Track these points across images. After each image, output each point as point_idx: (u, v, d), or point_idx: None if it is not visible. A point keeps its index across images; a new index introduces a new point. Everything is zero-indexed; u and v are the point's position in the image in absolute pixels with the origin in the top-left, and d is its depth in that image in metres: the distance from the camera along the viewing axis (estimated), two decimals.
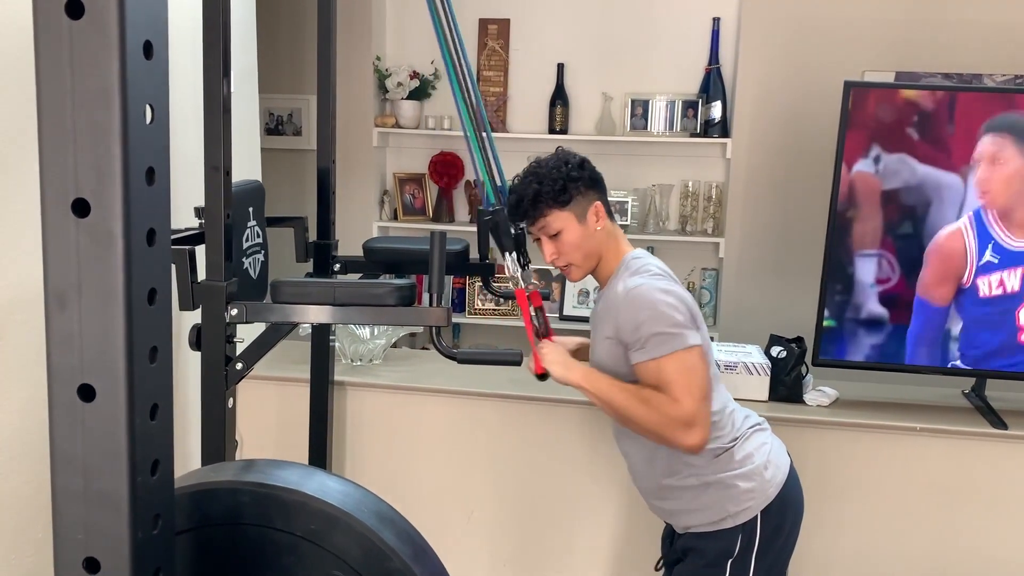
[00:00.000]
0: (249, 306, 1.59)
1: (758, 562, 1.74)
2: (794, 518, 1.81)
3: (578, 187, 1.77)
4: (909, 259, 2.31)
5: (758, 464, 1.75)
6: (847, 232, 2.32)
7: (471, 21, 4.05)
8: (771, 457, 1.79)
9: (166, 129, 0.68)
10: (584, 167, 1.80)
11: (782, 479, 1.78)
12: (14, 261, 1.57)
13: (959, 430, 2.24)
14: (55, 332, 0.65)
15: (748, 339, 2.62)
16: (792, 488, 1.80)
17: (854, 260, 2.32)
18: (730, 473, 1.74)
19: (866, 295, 2.33)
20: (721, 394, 1.80)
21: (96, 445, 0.65)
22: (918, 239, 2.30)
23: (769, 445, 1.81)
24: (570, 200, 1.76)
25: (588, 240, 1.78)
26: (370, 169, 4.13)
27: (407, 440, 2.45)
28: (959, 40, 3.62)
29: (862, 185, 2.30)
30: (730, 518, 1.74)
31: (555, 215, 1.76)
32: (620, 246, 1.83)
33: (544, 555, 2.43)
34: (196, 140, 1.56)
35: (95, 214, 0.63)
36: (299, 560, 0.86)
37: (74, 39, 0.61)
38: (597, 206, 1.79)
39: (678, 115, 3.94)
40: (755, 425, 1.84)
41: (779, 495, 1.76)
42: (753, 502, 1.74)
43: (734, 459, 1.74)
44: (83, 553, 0.67)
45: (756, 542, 1.74)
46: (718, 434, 1.74)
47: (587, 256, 1.80)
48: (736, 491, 1.73)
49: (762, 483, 1.74)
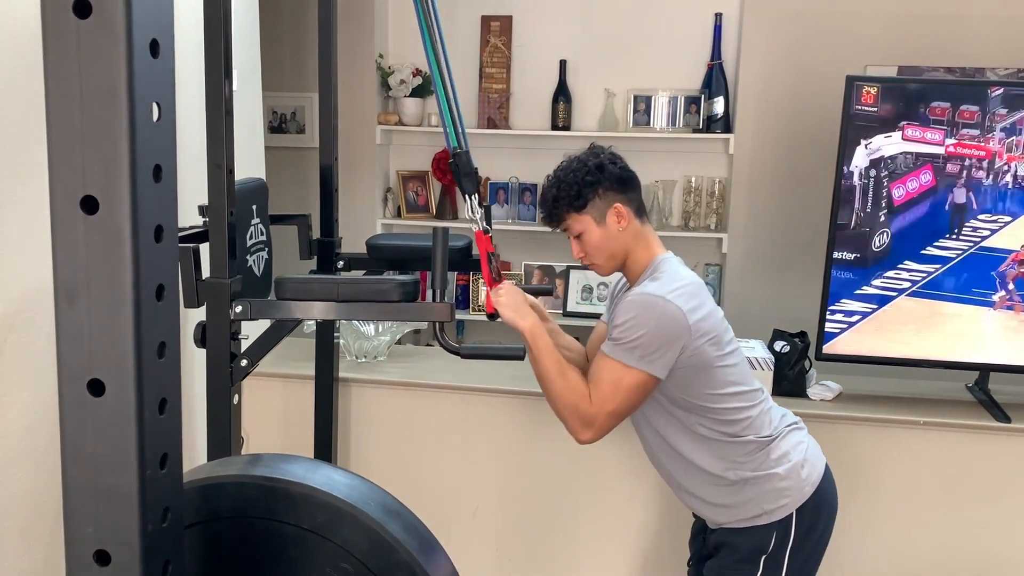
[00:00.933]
0: (253, 303, 1.59)
1: (791, 560, 1.74)
2: (828, 517, 1.81)
3: (594, 190, 1.76)
4: (912, 252, 2.31)
5: (795, 462, 1.75)
6: (850, 226, 2.32)
7: (473, 18, 4.05)
8: (807, 456, 1.79)
9: (173, 127, 0.69)
10: (603, 169, 1.77)
11: (818, 478, 1.78)
12: (23, 259, 1.58)
13: (962, 424, 2.24)
14: (64, 328, 0.65)
15: (751, 334, 2.62)
16: (828, 487, 1.80)
17: (867, 232, 2.32)
18: (767, 471, 1.74)
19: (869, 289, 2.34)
20: (758, 393, 1.79)
21: (106, 439, 0.66)
22: (921, 233, 2.30)
23: (806, 444, 1.81)
24: (585, 204, 1.76)
25: (610, 241, 1.78)
26: (373, 167, 4.13)
27: (412, 437, 2.46)
28: (962, 34, 3.61)
29: (864, 179, 2.30)
30: (766, 515, 1.74)
31: (574, 218, 1.78)
32: (651, 247, 1.81)
33: (549, 551, 2.44)
34: (200, 138, 1.57)
35: (103, 211, 0.63)
36: (306, 553, 0.87)
37: (82, 38, 0.62)
38: (617, 208, 1.76)
39: (681, 111, 3.94)
40: (792, 424, 1.84)
41: (815, 494, 1.76)
42: (789, 500, 1.74)
43: (770, 457, 1.75)
44: (94, 546, 0.67)
45: (791, 540, 1.74)
46: (752, 432, 1.74)
47: (611, 256, 1.80)
48: (772, 488, 1.73)
49: (798, 481, 1.75)
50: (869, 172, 2.30)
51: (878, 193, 2.30)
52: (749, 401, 1.76)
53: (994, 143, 2.26)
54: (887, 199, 2.30)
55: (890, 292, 2.34)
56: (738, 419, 1.74)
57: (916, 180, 2.29)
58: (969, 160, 2.27)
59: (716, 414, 1.72)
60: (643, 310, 1.66)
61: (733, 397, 1.73)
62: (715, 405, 1.72)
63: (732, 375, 1.74)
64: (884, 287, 2.34)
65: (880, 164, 2.29)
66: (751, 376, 1.81)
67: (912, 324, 2.34)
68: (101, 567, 0.68)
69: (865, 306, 2.35)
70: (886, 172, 2.29)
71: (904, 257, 2.32)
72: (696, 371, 1.69)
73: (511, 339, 1.77)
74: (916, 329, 2.34)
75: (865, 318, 2.35)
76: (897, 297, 2.33)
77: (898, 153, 2.29)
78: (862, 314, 2.35)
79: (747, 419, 1.74)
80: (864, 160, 2.29)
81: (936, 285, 2.32)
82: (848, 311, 2.35)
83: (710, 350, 1.69)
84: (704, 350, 1.68)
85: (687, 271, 1.77)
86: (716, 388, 1.71)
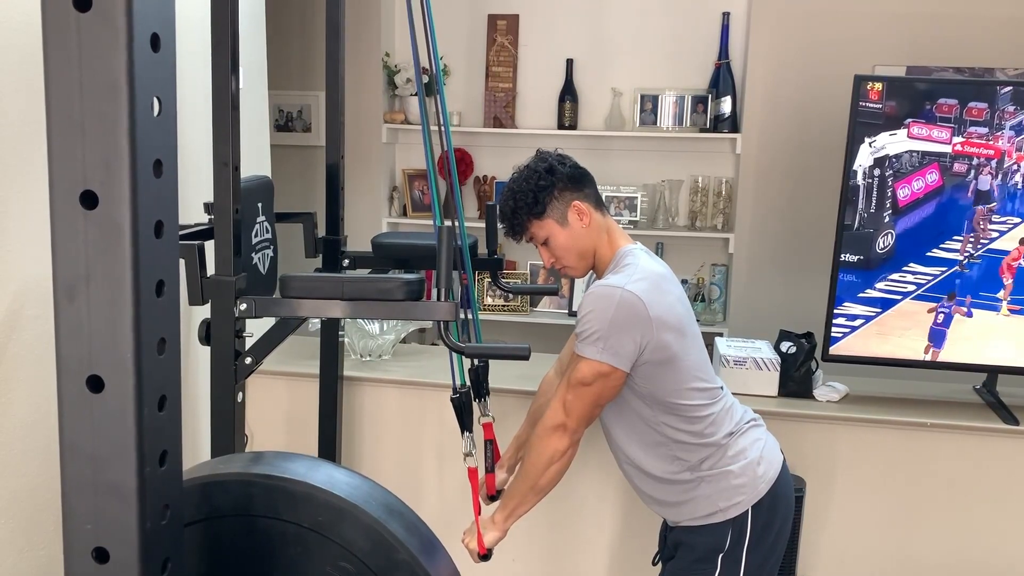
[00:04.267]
0: (258, 301, 1.59)
1: (749, 558, 1.74)
2: (785, 514, 1.81)
3: (550, 193, 1.77)
4: (920, 255, 2.29)
5: (751, 459, 1.76)
6: (864, 209, 2.30)
7: (480, 17, 4.05)
8: (764, 453, 1.79)
9: (174, 121, 0.68)
10: (554, 172, 1.77)
11: (774, 475, 1.78)
12: (26, 255, 1.58)
13: (970, 426, 2.22)
14: (64, 324, 0.65)
15: (757, 334, 2.61)
16: (784, 485, 1.80)
17: (871, 233, 2.30)
18: (723, 468, 1.74)
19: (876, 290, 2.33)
20: (720, 391, 1.80)
21: (105, 436, 0.66)
22: (930, 234, 2.28)
23: (763, 441, 1.81)
24: (545, 209, 1.77)
25: (577, 240, 1.79)
26: (379, 165, 4.13)
27: (416, 435, 2.46)
28: (971, 34, 3.59)
29: (872, 180, 2.29)
30: (720, 512, 1.74)
31: (536, 225, 1.79)
32: (614, 239, 1.81)
33: (553, 550, 2.43)
34: (206, 136, 1.57)
35: (103, 206, 0.63)
36: (307, 551, 0.86)
37: (82, 32, 0.61)
38: (576, 205, 1.77)
39: (687, 110, 3.93)
40: (751, 420, 1.84)
41: (770, 491, 1.76)
42: (744, 497, 1.74)
43: (727, 454, 1.75)
44: (92, 543, 0.67)
45: (747, 537, 1.74)
46: (715, 429, 1.75)
47: (581, 256, 1.81)
48: (727, 485, 1.74)
49: (754, 478, 1.75)
50: (877, 172, 2.28)
51: (886, 193, 2.29)
52: (711, 398, 1.76)
53: (1003, 141, 2.24)
54: (891, 199, 2.29)
55: (894, 295, 2.32)
56: (702, 416, 1.74)
57: (925, 179, 2.28)
58: (977, 159, 2.26)
59: (682, 411, 1.72)
60: (601, 301, 1.66)
61: (697, 393, 1.73)
62: (681, 401, 1.72)
63: (696, 369, 1.74)
64: (888, 290, 2.32)
65: (885, 163, 2.28)
66: (713, 373, 1.81)
67: (916, 329, 2.32)
68: (100, 564, 0.67)
69: (869, 309, 2.33)
70: (894, 172, 2.28)
71: (909, 259, 2.30)
72: (660, 365, 1.69)
73: (516, 339, 1.77)
74: (922, 332, 2.32)
75: (869, 321, 2.33)
76: (901, 300, 2.31)
77: (906, 152, 2.27)
78: (865, 318, 2.33)
79: (710, 416, 1.74)
80: (872, 160, 2.28)
81: (942, 288, 2.30)
82: (850, 315, 2.34)
83: (673, 342, 1.68)
84: (667, 341, 1.67)
85: (652, 261, 1.77)
86: (681, 383, 1.71)
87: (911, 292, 2.31)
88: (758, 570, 1.76)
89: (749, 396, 2.28)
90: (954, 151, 2.26)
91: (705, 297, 4.00)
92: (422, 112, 1.65)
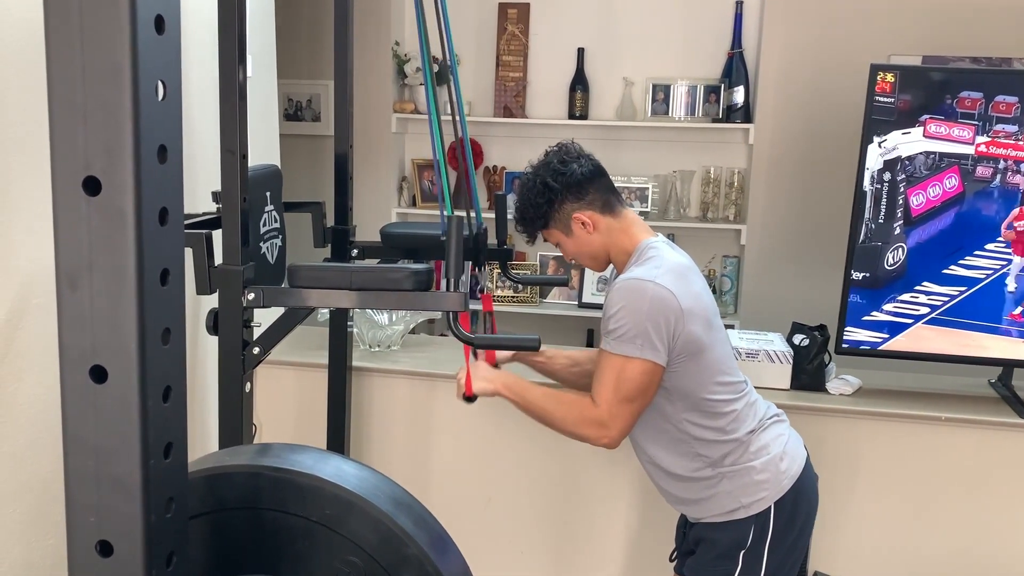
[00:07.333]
0: (266, 290, 1.58)
1: (771, 554, 1.72)
2: (807, 511, 1.79)
3: (549, 209, 1.76)
4: (936, 272, 2.20)
5: (774, 455, 1.74)
6: (871, 219, 2.26)
7: (491, 6, 4.02)
8: (787, 449, 1.76)
9: (178, 106, 0.67)
10: (549, 187, 1.75)
11: (797, 471, 1.76)
12: (34, 244, 1.57)
13: (985, 420, 2.20)
14: (67, 313, 0.64)
15: (770, 327, 2.59)
16: (807, 481, 1.78)
17: (878, 247, 2.27)
18: (745, 464, 1.72)
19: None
20: (743, 385, 1.78)
21: (108, 427, 0.65)
22: (947, 249, 2.19)
23: (786, 436, 1.79)
24: (548, 223, 1.79)
25: (585, 246, 1.79)
26: (389, 155, 4.11)
27: (425, 426, 2.45)
28: (988, 23, 3.54)
29: (882, 185, 2.21)
30: (743, 508, 1.72)
31: (545, 232, 1.83)
32: (633, 234, 1.78)
33: (562, 542, 2.42)
34: (215, 124, 1.55)
35: (106, 192, 0.62)
36: (314, 545, 0.85)
37: (84, 14, 0.60)
38: (578, 216, 1.76)
39: (700, 100, 3.89)
40: (774, 416, 1.82)
41: (793, 487, 1.74)
42: (767, 493, 1.72)
43: (749, 449, 1.73)
44: (96, 536, 0.66)
45: (769, 534, 1.72)
46: (737, 425, 1.73)
47: (592, 257, 1.82)
48: (750, 481, 1.72)
49: (776, 474, 1.73)
50: (892, 163, 2.23)
51: (901, 185, 2.22)
52: (736, 392, 1.74)
53: None
54: (904, 207, 2.15)
55: (905, 319, 2.20)
56: (725, 411, 1.72)
57: (941, 170, 2.23)
58: (1004, 162, 2.05)
59: (706, 406, 1.70)
60: (632, 295, 1.63)
61: (722, 387, 1.71)
62: (706, 395, 1.70)
63: (721, 363, 1.72)
64: (897, 312, 2.21)
65: (896, 166, 2.15)
66: (736, 367, 1.80)
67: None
68: (104, 558, 0.66)
69: (873, 335, 2.25)
70: (909, 163, 2.22)
71: (922, 278, 2.17)
72: (690, 358, 1.67)
73: (525, 330, 1.76)
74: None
75: (874, 347, 2.29)
76: (912, 325, 2.20)
77: (921, 144, 2.14)
78: (870, 344, 2.29)
79: (733, 412, 1.72)
80: (887, 151, 2.22)
81: (960, 312, 2.10)
82: (853, 340, 2.27)
83: (703, 334, 1.66)
84: (697, 334, 1.65)
85: (675, 253, 1.74)
86: (708, 376, 1.69)
87: (924, 315, 2.16)
88: (779, 566, 1.74)
89: (761, 389, 2.24)
90: (977, 152, 2.10)
91: (717, 289, 3.98)
92: (428, 101, 1.63)
